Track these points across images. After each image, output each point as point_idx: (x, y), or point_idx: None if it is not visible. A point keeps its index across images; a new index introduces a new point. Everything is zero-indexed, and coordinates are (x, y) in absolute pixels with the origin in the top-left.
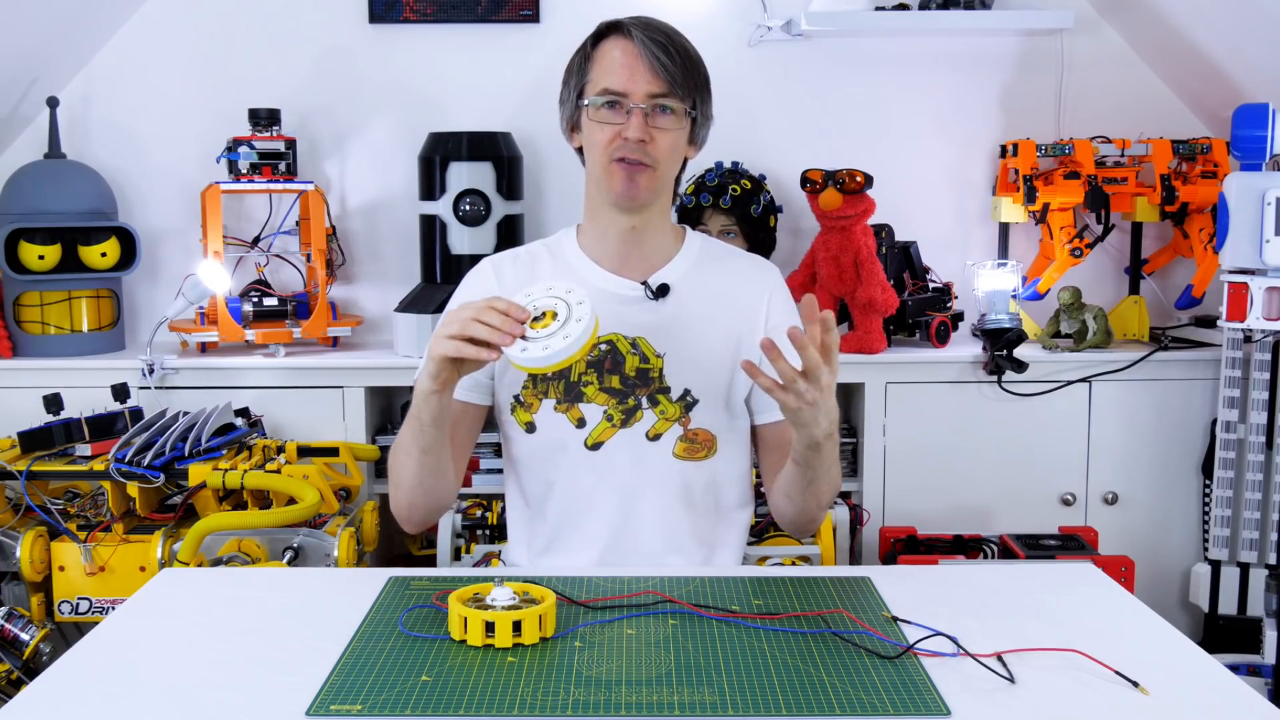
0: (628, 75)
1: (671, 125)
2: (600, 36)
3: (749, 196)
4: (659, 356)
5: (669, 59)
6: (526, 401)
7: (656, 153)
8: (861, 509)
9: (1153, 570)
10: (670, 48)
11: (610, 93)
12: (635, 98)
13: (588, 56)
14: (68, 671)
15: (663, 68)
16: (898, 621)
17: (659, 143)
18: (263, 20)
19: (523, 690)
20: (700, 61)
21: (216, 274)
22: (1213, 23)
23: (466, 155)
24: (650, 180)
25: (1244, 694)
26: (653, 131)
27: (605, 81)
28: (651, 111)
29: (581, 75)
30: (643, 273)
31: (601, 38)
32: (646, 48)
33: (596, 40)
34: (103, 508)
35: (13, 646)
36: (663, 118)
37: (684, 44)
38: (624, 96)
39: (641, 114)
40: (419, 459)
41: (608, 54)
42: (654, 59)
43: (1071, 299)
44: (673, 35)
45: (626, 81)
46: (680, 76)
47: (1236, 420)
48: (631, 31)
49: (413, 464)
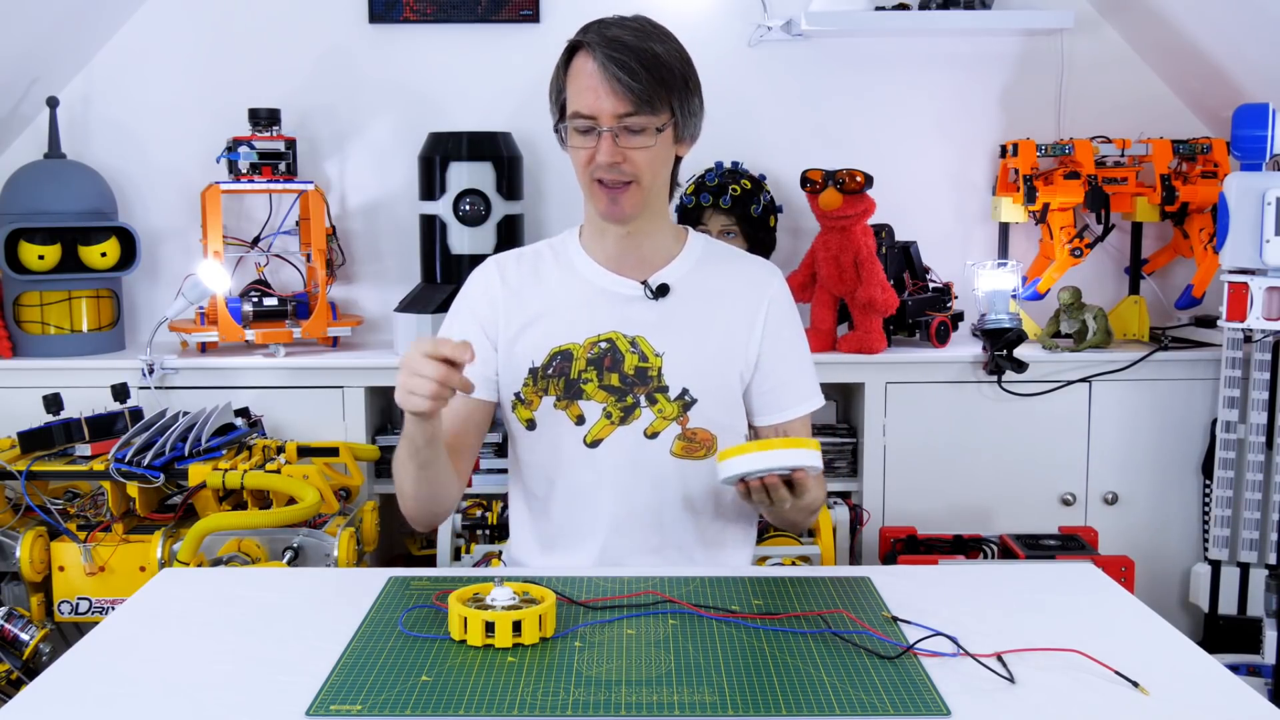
0: (593, 98)
1: (645, 141)
2: (572, 51)
3: (749, 196)
4: (658, 355)
5: (632, 77)
6: (527, 398)
7: (634, 169)
8: (861, 509)
9: (1153, 570)
10: (633, 63)
11: (580, 116)
12: (604, 120)
13: (565, 72)
14: (68, 671)
15: (626, 88)
16: (898, 621)
17: (634, 159)
18: (263, 20)
19: (523, 690)
20: (675, 60)
21: (216, 274)
22: (1213, 23)
23: (466, 155)
24: (634, 195)
25: (1244, 694)
26: (625, 151)
27: (575, 104)
28: (621, 132)
29: (560, 92)
30: (643, 273)
31: (573, 53)
32: (607, 69)
33: (569, 56)
34: (103, 508)
35: (13, 646)
36: (634, 136)
37: (653, 50)
38: (592, 120)
39: (610, 136)
40: (417, 474)
41: (577, 74)
42: (615, 80)
43: (1071, 299)
44: (638, 47)
45: (593, 104)
46: (647, 91)
47: (1236, 420)
48: (594, 50)
49: (412, 478)
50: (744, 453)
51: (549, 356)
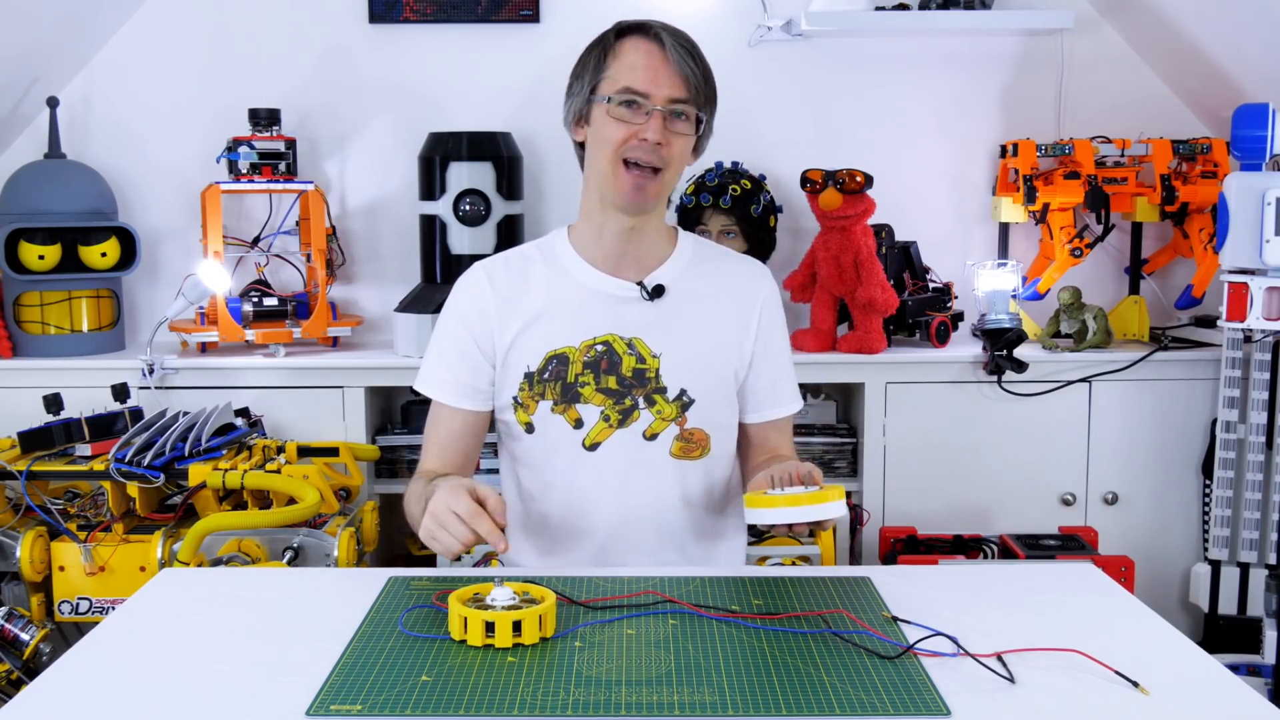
0: (651, 76)
1: (685, 130)
2: (622, 33)
3: (749, 196)
4: (655, 357)
5: (693, 65)
6: (524, 403)
7: (669, 155)
8: (861, 509)
9: (1153, 570)
10: (694, 54)
11: (632, 91)
12: (656, 100)
13: (607, 51)
14: (68, 671)
15: (687, 73)
16: (898, 621)
17: (673, 146)
18: (263, 20)
19: (523, 690)
20: (712, 74)
21: (216, 274)
22: (1213, 23)
23: (466, 155)
24: (657, 186)
25: (1244, 694)
26: (669, 135)
27: (627, 80)
28: (669, 116)
29: (599, 70)
30: (637, 273)
31: (624, 35)
32: (675, 51)
33: (618, 36)
34: (103, 508)
35: (13, 646)
36: (679, 123)
37: (701, 54)
38: (645, 97)
39: (660, 116)
40: None
41: (630, 52)
42: (681, 63)
43: (1071, 299)
44: (694, 46)
45: (649, 83)
46: (700, 85)
47: (1236, 420)
48: (661, 35)
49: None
50: (774, 505)
51: (545, 360)
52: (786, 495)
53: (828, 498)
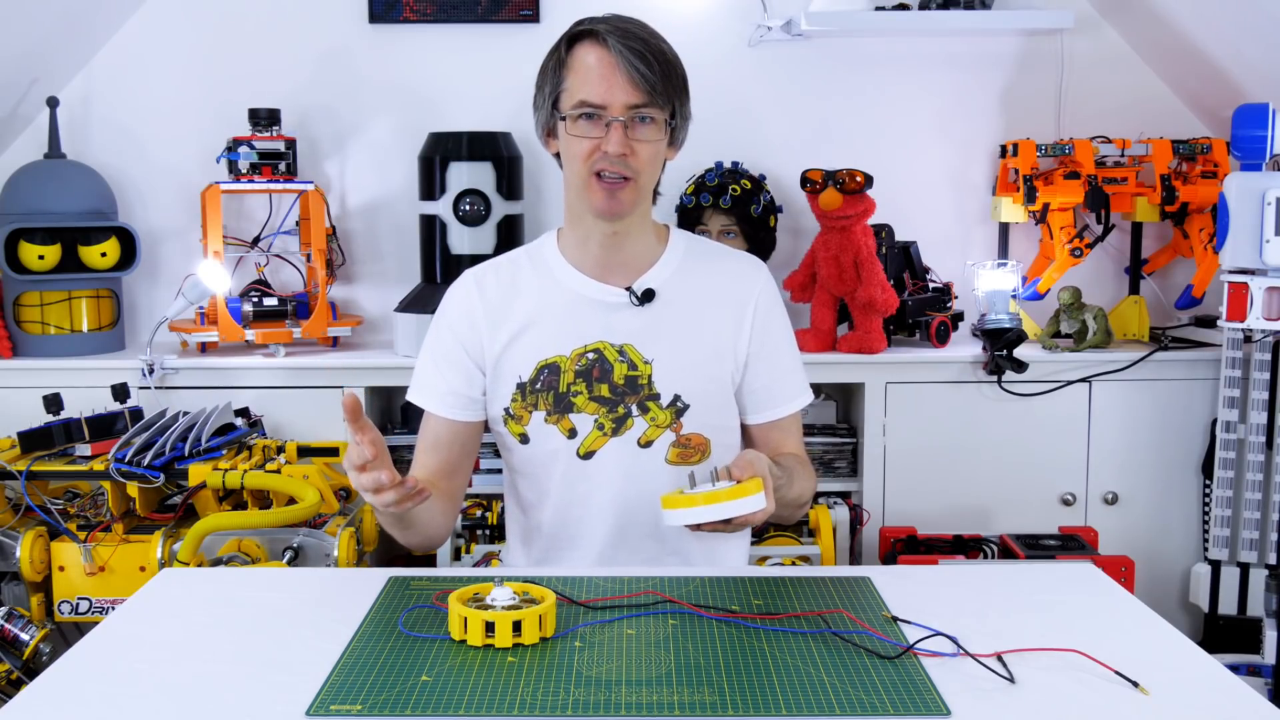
0: (605, 87)
1: (651, 135)
2: (574, 40)
3: (749, 196)
4: (647, 363)
5: (647, 67)
6: (517, 414)
7: (638, 164)
8: (861, 509)
9: (1153, 570)
10: (648, 54)
11: (587, 105)
12: (614, 110)
13: (561, 62)
14: (68, 671)
15: (641, 78)
16: (898, 621)
17: (640, 154)
18: (263, 20)
19: (523, 690)
20: (678, 61)
21: (216, 274)
22: (1213, 23)
23: (466, 155)
24: (632, 193)
25: (1244, 694)
26: (633, 144)
27: (582, 93)
28: (631, 123)
29: (556, 82)
30: (626, 278)
31: (575, 41)
32: (624, 57)
33: (570, 44)
34: (103, 508)
35: (13, 646)
36: (642, 128)
37: (660, 47)
38: (602, 109)
39: (621, 127)
40: (402, 532)
41: (582, 61)
42: (632, 69)
43: (1071, 299)
44: (649, 39)
45: (604, 94)
46: (659, 84)
47: (1236, 420)
48: (607, 39)
49: (399, 532)
50: (690, 505)
51: (536, 370)
52: (702, 493)
53: (746, 492)
